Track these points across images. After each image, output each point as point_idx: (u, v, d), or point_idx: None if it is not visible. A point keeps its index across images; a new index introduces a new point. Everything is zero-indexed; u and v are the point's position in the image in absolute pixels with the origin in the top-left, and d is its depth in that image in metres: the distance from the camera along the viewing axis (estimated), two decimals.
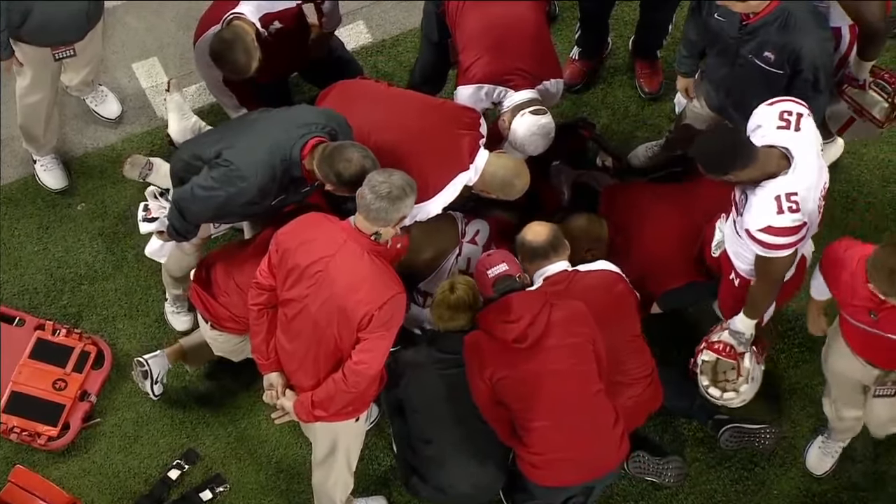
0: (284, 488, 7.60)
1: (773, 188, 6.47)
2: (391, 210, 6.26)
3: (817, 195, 6.58)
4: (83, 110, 8.42)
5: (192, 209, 6.84)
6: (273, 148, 6.69)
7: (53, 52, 7.54)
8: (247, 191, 6.69)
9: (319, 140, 6.66)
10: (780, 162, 6.48)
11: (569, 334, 6.57)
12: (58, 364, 7.72)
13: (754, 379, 7.09)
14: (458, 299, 6.81)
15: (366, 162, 6.51)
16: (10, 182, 8.25)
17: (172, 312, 7.87)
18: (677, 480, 7.55)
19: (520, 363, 6.55)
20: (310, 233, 6.40)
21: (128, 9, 8.68)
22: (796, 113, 6.56)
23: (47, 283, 8.00)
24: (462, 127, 7.34)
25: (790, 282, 7.00)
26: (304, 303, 6.39)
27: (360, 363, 6.36)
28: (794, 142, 6.52)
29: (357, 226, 6.34)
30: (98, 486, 7.59)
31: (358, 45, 8.59)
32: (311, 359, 6.48)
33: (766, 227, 6.46)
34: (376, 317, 6.26)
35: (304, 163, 6.65)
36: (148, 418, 7.72)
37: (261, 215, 7.05)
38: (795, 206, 6.45)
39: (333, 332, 6.35)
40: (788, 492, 7.63)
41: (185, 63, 8.54)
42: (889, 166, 8.32)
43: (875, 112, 7.28)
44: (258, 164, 6.68)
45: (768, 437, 7.50)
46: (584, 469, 6.75)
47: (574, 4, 8.51)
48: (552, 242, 7.01)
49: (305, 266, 6.35)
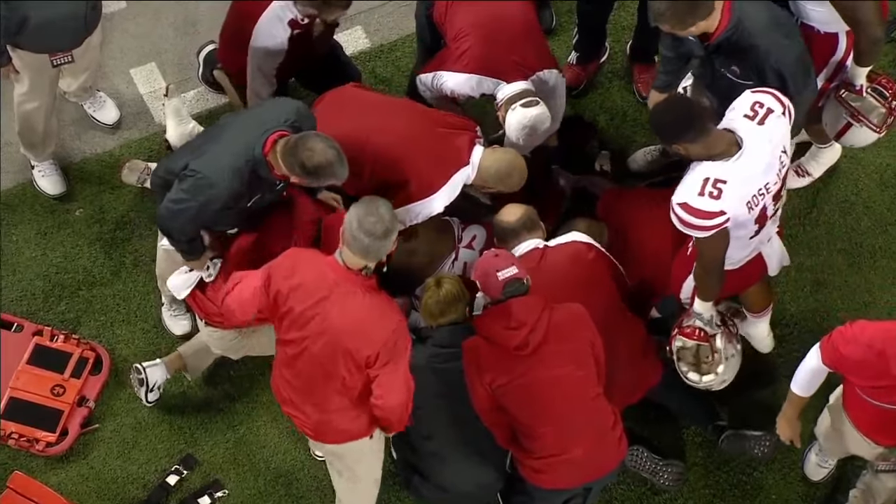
0: (283, 493, 7.60)
1: (707, 169, 6.48)
2: (386, 244, 6.21)
3: (754, 192, 6.53)
4: (81, 116, 8.42)
5: (171, 226, 6.85)
6: (237, 150, 6.68)
7: (51, 59, 7.54)
8: (217, 197, 6.68)
9: (281, 134, 6.64)
10: (729, 147, 6.49)
11: (568, 339, 6.56)
12: (56, 370, 7.71)
13: (729, 358, 7.07)
14: (448, 294, 6.82)
15: (329, 152, 6.50)
16: (8, 188, 8.25)
17: (170, 316, 7.87)
18: (674, 484, 7.55)
19: (520, 369, 6.54)
20: (298, 275, 6.33)
21: (126, 15, 8.68)
22: (767, 107, 6.57)
23: (45, 289, 8.00)
24: (457, 128, 7.37)
25: (742, 272, 6.97)
26: (304, 345, 6.36)
27: (379, 398, 6.37)
28: (752, 134, 6.52)
29: (346, 263, 6.26)
30: (96, 491, 7.58)
31: (356, 50, 8.59)
32: (319, 394, 6.46)
33: (684, 203, 6.48)
34: (381, 354, 6.24)
35: (268, 159, 6.63)
36: (146, 424, 7.72)
37: (244, 218, 7.02)
38: (717, 193, 6.44)
39: (341, 371, 6.33)
40: (787, 496, 7.62)
41: (184, 68, 8.55)
42: (887, 170, 8.33)
43: (872, 118, 7.28)
44: (224, 170, 6.67)
45: (767, 445, 7.49)
46: (584, 471, 6.76)
47: (571, 10, 8.52)
48: (524, 223, 7.10)
49: (301, 311, 6.30)
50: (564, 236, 7.21)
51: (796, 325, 7.94)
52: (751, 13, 6.78)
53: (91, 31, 7.60)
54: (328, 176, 6.61)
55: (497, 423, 6.75)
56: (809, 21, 7.15)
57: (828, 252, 8.13)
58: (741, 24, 6.77)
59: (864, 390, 6.44)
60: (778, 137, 6.58)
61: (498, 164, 7.33)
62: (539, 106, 7.38)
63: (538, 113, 7.37)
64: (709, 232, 6.51)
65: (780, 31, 6.82)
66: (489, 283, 6.57)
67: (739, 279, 7.07)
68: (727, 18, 6.77)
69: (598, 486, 6.99)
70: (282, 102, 6.96)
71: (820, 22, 7.13)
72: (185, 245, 6.98)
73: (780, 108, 6.60)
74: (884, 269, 8.07)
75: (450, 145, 7.34)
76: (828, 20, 7.08)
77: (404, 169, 7.31)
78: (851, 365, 6.32)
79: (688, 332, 7.03)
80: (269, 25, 7.43)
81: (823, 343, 6.39)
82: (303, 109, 6.85)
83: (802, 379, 6.60)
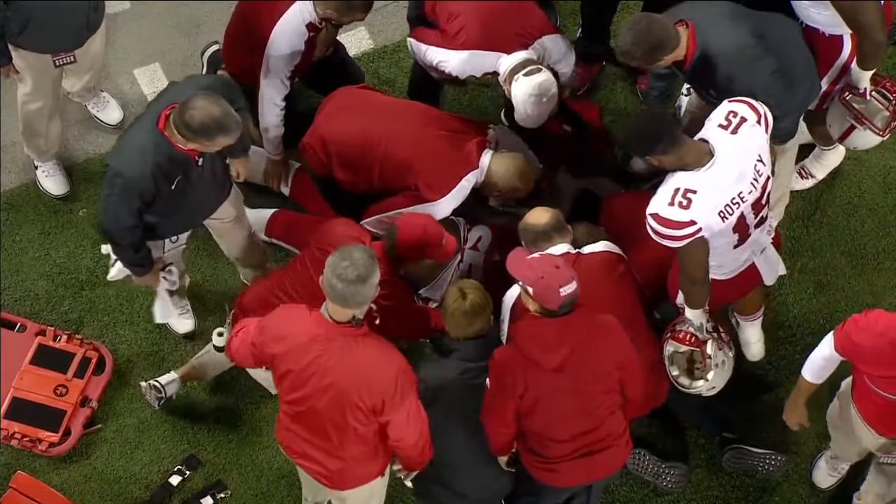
0: (285, 494, 7.60)
1: (678, 179, 6.52)
2: (365, 290, 6.01)
3: (727, 202, 6.54)
4: (85, 116, 8.42)
5: (107, 228, 6.83)
6: (141, 133, 6.65)
7: (54, 59, 7.54)
8: (129, 185, 6.62)
9: (171, 107, 6.56)
10: (701, 157, 6.52)
11: (599, 357, 6.48)
12: (59, 370, 7.71)
13: (718, 366, 7.06)
14: (473, 304, 6.64)
15: (212, 108, 6.41)
16: (12, 188, 8.25)
17: (174, 315, 7.84)
18: (676, 486, 7.54)
19: (553, 385, 6.46)
20: (288, 338, 6.20)
21: (130, 15, 8.68)
22: (741, 116, 6.59)
23: (48, 289, 8.01)
24: (467, 132, 7.38)
25: (736, 282, 6.98)
26: (308, 403, 6.26)
27: (397, 441, 6.31)
28: (724, 143, 6.54)
29: (333, 318, 6.11)
30: (99, 491, 7.59)
31: (360, 51, 8.59)
32: (330, 446, 6.37)
33: (654, 214, 6.52)
34: (387, 401, 6.15)
35: (165, 134, 6.56)
36: (149, 424, 7.72)
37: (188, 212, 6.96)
38: (686, 203, 6.47)
39: (351, 423, 6.23)
40: (790, 499, 7.62)
41: (187, 69, 8.54)
42: (891, 172, 8.32)
43: (876, 121, 7.27)
44: (127, 156, 6.64)
45: (772, 464, 7.47)
46: (593, 472, 6.76)
47: (575, 10, 8.52)
48: (554, 225, 7.05)
49: (298, 371, 6.20)
50: (595, 244, 7.17)
51: (799, 327, 7.94)
52: (715, 41, 6.83)
53: (93, 32, 7.60)
54: (217, 133, 6.48)
55: (510, 433, 6.67)
56: (814, 24, 7.15)
57: (831, 254, 8.13)
58: (707, 52, 6.83)
59: (872, 380, 6.46)
60: (752, 146, 6.60)
61: (506, 168, 7.38)
62: (542, 73, 7.35)
63: (542, 80, 7.33)
64: (681, 242, 6.53)
65: (747, 55, 6.82)
66: (549, 296, 6.37)
67: (733, 289, 7.08)
68: (693, 48, 6.84)
69: (600, 484, 7.00)
70: (188, 79, 6.89)
71: (824, 24, 7.12)
72: (130, 254, 6.93)
73: (754, 116, 6.60)
74: (887, 271, 8.07)
75: (459, 149, 7.36)
76: (832, 23, 7.07)
77: (413, 172, 7.34)
78: (863, 353, 6.35)
79: (680, 337, 7.03)
80: (289, 29, 7.42)
81: (837, 331, 6.43)
82: (209, 81, 6.75)
83: (814, 366, 6.64)
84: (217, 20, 8.49)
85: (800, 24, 7.18)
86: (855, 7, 6.87)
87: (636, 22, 6.81)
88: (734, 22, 6.87)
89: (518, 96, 7.36)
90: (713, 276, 6.85)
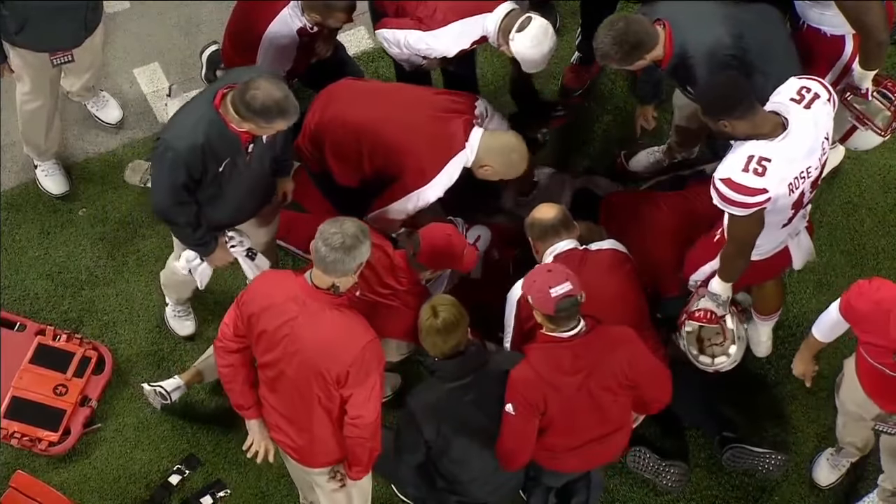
0: (285, 494, 7.59)
1: (752, 147, 6.49)
2: (347, 260, 6.10)
3: (796, 174, 6.54)
4: (84, 116, 8.42)
5: (160, 207, 6.80)
6: (195, 109, 6.68)
7: (51, 58, 7.54)
8: (177, 160, 6.62)
9: (232, 87, 6.59)
10: (774, 128, 6.50)
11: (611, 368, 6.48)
12: (59, 369, 7.71)
13: (740, 338, 7.07)
14: (445, 322, 6.51)
15: (275, 91, 6.45)
16: (11, 187, 8.25)
17: (174, 317, 7.86)
18: (676, 485, 7.54)
19: (572, 404, 6.49)
20: (269, 297, 6.28)
21: (129, 15, 8.68)
22: (814, 92, 6.59)
23: (48, 289, 8.00)
24: (454, 111, 7.30)
25: (767, 263, 6.97)
26: (279, 367, 6.33)
27: (354, 418, 6.31)
28: (797, 116, 6.54)
29: (314, 282, 6.21)
30: (99, 491, 7.58)
31: (359, 50, 8.59)
32: (297, 415, 6.43)
33: (727, 179, 6.47)
34: (352, 373, 6.18)
35: (220, 112, 6.59)
36: (149, 424, 7.72)
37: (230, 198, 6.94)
38: (761, 170, 6.45)
39: (314, 391, 6.29)
40: (790, 498, 7.62)
41: (187, 68, 8.55)
42: (890, 172, 8.33)
43: (877, 121, 7.27)
44: (179, 129, 6.66)
45: (772, 464, 7.47)
46: (594, 460, 6.83)
47: (575, 10, 8.52)
48: (562, 220, 7.03)
49: (272, 331, 6.26)
50: (602, 242, 7.16)
51: (799, 326, 7.94)
52: (692, 40, 6.85)
53: (91, 32, 7.59)
54: (276, 116, 6.51)
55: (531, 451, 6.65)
56: (815, 24, 7.16)
57: (830, 253, 8.13)
58: (684, 52, 6.85)
59: (863, 345, 6.54)
60: (822, 122, 6.60)
61: (497, 145, 7.26)
62: (534, 19, 7.24)
63: (538, 26, 7.23)
64: (748, 210, 6.49)
65: (722, 56, 6.83)
66: (542, 300, 6.36)
67: (763, 270, 7.05)
68: (670, 48, 6.86)
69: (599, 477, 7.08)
70: (249, 67, 6.90)
71: (826, 25, 7.14)
72: (189, 233, 6.91)
73: (825, 94, 6.62)
74: (887, 271, 8.07)
75: (444, 131, 7.25)
76: (834, 23, 7.09)
77: (399, 158, 7.24)
78: (858, 316, 6.43)
79: (699, 316, 7.01)
80: (279, 33, 7.41)
81: (844, 293, 6.50)
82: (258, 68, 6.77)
83: (823, 326, 6.74)
84: (216, 20, 8.50)
85: (799, 23, 7.19)
86: (859, 7, 6.87)
87: (614, 23, 6.84)
88: (712, 21, 6.89)
89: (521, 52, 7.25)
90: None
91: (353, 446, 6.42)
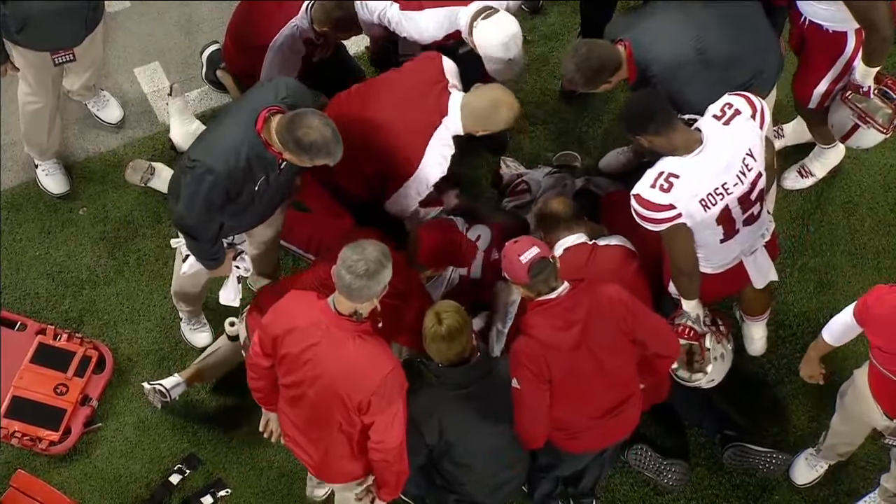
0: (286, 493, 7.59)
1: (664, 164, 6.59)
2: (371, 285, 6.06)
3: (709, 191, 6.59)
4: (85, 115, 8.42)
5: (189, 224, 6.78)
6: (233, 131, 6.63)
7: (53, 57, 7.54)
8: (217, 183, 6.60)
9: (273, 110, 6.57)
10: (691, 144, 6.58)
11: (608, 326, 6.50)
12: (59, 369, 7.71)
13: (717, 359, 7.08)
14: (450, 328, 6.52)
15: (325, 130, 6.44)
16: (12, 187, 8.25)
17: (190, 330, 7.85)
18: (677, 484, 7.55)
19: (576, 366, 6.50)
20: (292, 319, 6.26)
21: (130, 14, 8.69)
22: (735, 109, 6.66)
23: (49, 288, 8.00)
24: (426, 83, 7.17)
25: (723, 277, 6.98)
26: (301, 388, 6.31)
27: (377, 443, 6.30)
28: (715, 133, 6.60)
29: (337, 308, 6.16)
30: (99, 490, 7.58)
31: (360, 49, 8.58)
32: (315, 436, 6.43)
33: (636, 195, 6.59)
34: (374, 401, 6.16)
35: (262, 136, 6.57)
36: (149, 423, 7.72)
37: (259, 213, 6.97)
38: (667, 186, 6.54)
39: (335, 417, 6.28)
40: (790, 498, 7.62)
41: (187, 67, 8.55)
42: (891, 171, 8.33)
43: (878, 118, 7.27)
44: (221, 153, 6.61)
45: (773, 463, 7.48)
46: (609, 436, 6.85)
47: (575, 10, 8.53)
48: (572, 214, 7.11)
49: (296, 354, 6.24)
50: (611, 238, 7.19)
51: (799, 326, 7.94)
52: (652, 59, 6.92)
53: (91, 31, 7.58)
54: (323, 154, 6.52)
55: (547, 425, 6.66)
56: (818, 20, 7.16)
57: (831, 253, 8.13)
58: (646, 70, 6.93)
59: (873, 350, 6.52)
60: (744, 139, 6.64)
61: (481, 103, 7.07)
62: (498, 13, 7.17)
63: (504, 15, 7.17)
64: (661, 225, 6.60)
65: (684, 72, 6.89)
66: (514, 270, 6.43)
67: (722, 284, 7.08)
68: (633, 68, 6.95)
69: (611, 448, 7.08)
70: (276, 82, 6.87)
71: (828, 20, 7.13)
72: (207, 248, 6.90)
73: (749, 111, 6.66)
74: (887, 270, 8.07)
75: (417, 114, 7.10)
76: (836, 18, 7.08)
77: (381, 155, 7.19)
78: (873, 320, 6.42)
79: (679, 331, 7.04)
80: (286, 44, 7.40)
81: (860, 299, 6.50)
82: (293, 85, 6.75)
83: (834, 329, 6.73)
84: (217, 19, 8.51)
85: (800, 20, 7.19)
86: (870, 5, 6.87)
87: (576, 49, 6.96)
88: (673, 35, 6.95)
89: (482, 43, 7.17)
90: (701, 269, 6.89)
91: (380, 470, 6.42)
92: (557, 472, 7.12)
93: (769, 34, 7.14)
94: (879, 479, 7.30)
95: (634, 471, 7.58)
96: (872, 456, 7.57)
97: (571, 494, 7.38)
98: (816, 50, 7.24)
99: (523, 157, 8.32)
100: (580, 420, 6.68)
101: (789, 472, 7.59)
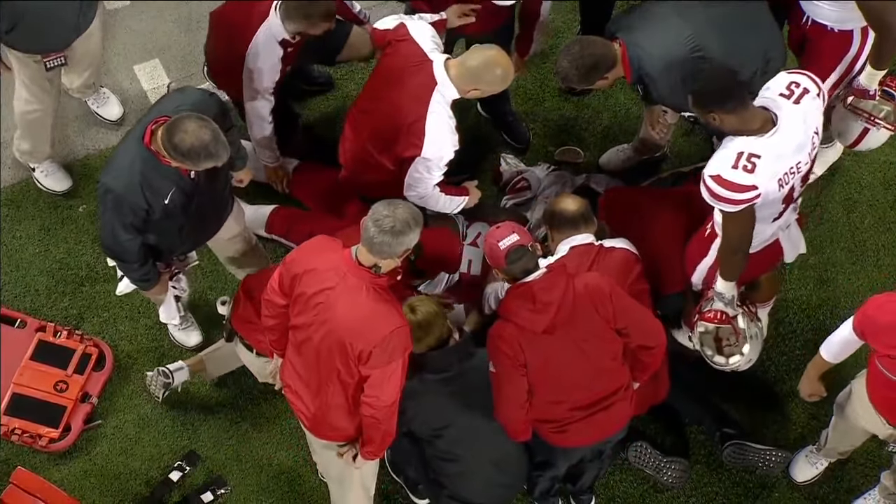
0: (286, 490, 7.60)
1: (741, 143, 6.49)
2: (394, 244, 6.11)
3: (786, 170, 6.54)
4: (85, 112, 8.43)
5: (111, 248, 6.77)
6: (129, 148, 6.58)
7: (44, 61, 7.49)
8: (120, 201, 6.56)
9: (160, 122, 6.47)
10: (764, 124, 6.50)
11: (590, 312, 6.49)
12: (59, 366, 7.71)
13: (752, 337, 7.05)
14: (424, 317, 6.63)
15: (202, 133, 6.32)
16: (11, 184, 8.25)
17: (179, 330, 7.84)
18: (677, 482, 7.55)
19: (550, 350, 6.50)
20: (314, 260, 6.31)
21: (130, 11, 8.69)
22: (803, 87, 6.59)
23: (48, 285, 8.00)
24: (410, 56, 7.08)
25: (759, 256, 6.95)
26: (308, 332, 6.35)
27: (368, 397, 6.32)
28: (787, 112, 6.53)
29: (359, 258, 6.22)
30: (99, 487, 7.58)
31: None
32: (314, 383, 6.47)
33: (716, 176, 6.48)
34: (374, 353, 6.19)
35: (152, 149, 6.49)
36: (149, 420, 7.72)
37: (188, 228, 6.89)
38: (751, 167, 6.46)
39: (335, 364, 6.31)
40: (790, 496, 7.62)
41: (187, 65, 8.56)
42: (891, 168, 8.33)
43: (882, 118, 7.25)
44: (115, 171, 6.57)
45: (772, 460, 7.48)
46: (601, 430, 6.80)
47: (574, 9, 8.53)
48: (583, 213, 7.07)
49: (310, 295, 6.28)
50: (616, 240, 7.17)
51: (799, 323, 7.95)
52: (646, 58, 6.92)
53: (80, 34, 7.51)
54: (205, 157, 6.40)
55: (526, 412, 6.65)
56: (822, 20, 7.15)
57: (831, 250, 8.14)
58: (640, 69, 6.93)
59: (879, 358, 6.48)
60: (812, 118, 6.59)
61: (475, 61, 6.96)
62: None
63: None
64: (738, 206, 6.49)
65: (678, 72, 6.88)
66: (493, 255, 6.49)
67: (755, 264, 7.02)
68: (628, 66, 6.95)
69: (609, 446, 7.05)
70: (183, 92, 6.78)
71: (833, 20, 7.12)
72: (135, 269, 6.89)
73: (815, 89, 6.61)
74: (887, 267, 8.08)
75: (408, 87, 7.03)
76: (842, 18, 7.08)
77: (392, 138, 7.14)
78: (875, 328, 6.36)
79: (709, 317, 6.99)
80: (263, 51, 7.30)
81: (858, 310, 6.45)
82: (195, 95, 6.66)
83: (833, 346, 6.67)
84: None
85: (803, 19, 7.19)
86: (886, 7, 6.84)
87: (571, 45, 6.96)
88: (669, 32, 6.93)
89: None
90: None
91: (368, 426, 6.44)
92: (554, 471, 7.11)
93: (773, 33, 7.10)
94: (880, 476, 7.30)
95: (634, 468, 7.59)
96: (873, 453, 7.57)
97: (571, 492, 7.41)
98: (820, 50, 7.22)
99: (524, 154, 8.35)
100: (563, 410, 6.65)
101: (789, 469, 7.59)
